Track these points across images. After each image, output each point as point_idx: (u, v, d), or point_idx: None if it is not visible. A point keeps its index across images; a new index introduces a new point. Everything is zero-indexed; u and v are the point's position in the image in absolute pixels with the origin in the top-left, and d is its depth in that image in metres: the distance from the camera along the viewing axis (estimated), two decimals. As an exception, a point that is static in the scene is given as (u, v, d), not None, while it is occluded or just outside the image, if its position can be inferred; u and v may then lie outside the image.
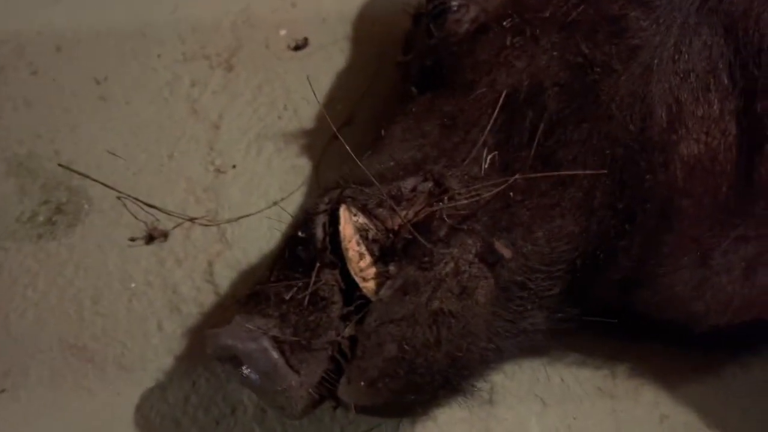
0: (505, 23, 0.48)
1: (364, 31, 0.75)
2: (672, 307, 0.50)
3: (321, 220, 0.43)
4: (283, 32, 0.74)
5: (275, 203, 0.60)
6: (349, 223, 0.42)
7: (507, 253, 0.42)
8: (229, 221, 0.59)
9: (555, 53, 0.45)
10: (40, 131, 0.65)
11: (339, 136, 0.55)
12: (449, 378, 0.45)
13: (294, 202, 0.62)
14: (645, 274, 0.48)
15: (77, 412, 0.53)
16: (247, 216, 0.59)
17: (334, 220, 0.43)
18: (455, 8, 0.52)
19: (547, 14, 0.48)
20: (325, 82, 0.71)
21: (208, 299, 0.55)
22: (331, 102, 0.69)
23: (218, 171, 0.63)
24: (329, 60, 0.72)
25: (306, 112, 0.68)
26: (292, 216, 0.60)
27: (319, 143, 0.66)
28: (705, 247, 0.46)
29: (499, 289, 0.44)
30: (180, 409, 0.53)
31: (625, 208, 0.44)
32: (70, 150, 0.62)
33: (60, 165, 0.61)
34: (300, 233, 0.43)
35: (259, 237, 0.59)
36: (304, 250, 0.43)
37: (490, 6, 0.51)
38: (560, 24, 0.47)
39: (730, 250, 0.46)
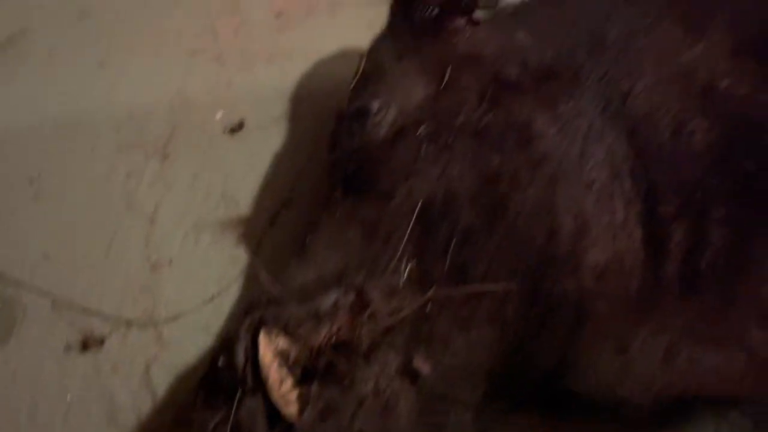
0: (420, 129, 0.49)
1: (302, 110, 0.75)
2: (598, 391, 0.51)
3: (241, 346, 0.43)
4: (219, 115, 0.74)
5: (212, 298, 0.60)
6: (268, 348, 0.42)
7: (425, 368, 0.43)
8: (165, 321, 0.59)
9: (467, 162, 0.46)
10: (-28, 237, 0.65)
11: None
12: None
13: (232, 295, 0.62)
14: (566, 367, 0.49)
15: None
16: (184, 315, 0.59)
17: (255, 344, 0.44)
18: (375, 110, 0.52)
19: (461, 120, 0.49)
20: (262, 164, 0.71)
21: (146, 406, 0.55)
22: (268, 185, 0.70)
23: (155, 267, 0.63)
24: (266, 141, 0.73)
25: (243, 197, 0.68)
26: (228, 312, 0.60)
27: (257, 230, 0.66)
28: (622, 340, 0.47)
29: (422, 401, 0.44)
30: None
31: (538, 314, 0.45)
32: (3, 256, 0.62)
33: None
34: (220, 362, 0.43)
35: (196, 336, 0.58)
36: (226, 377, 0.43)
37: (410, 107, 0.52)
38: (472, 131, 0.48)
39: (647, 340, 0.47)
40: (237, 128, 0.72)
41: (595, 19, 0.51)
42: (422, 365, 0.43)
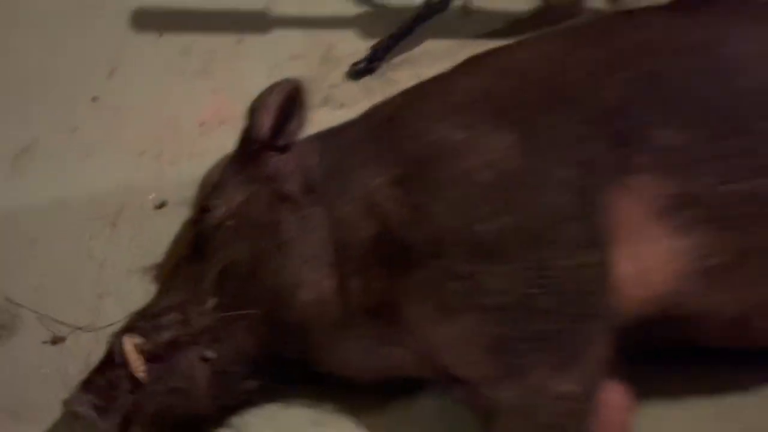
0: (231, 222, 0.87)
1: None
2: (333, 372, 0.87)
3: (117, 342, 0.82)
4: (151, 196, 1.13)
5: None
6: (129, 342, 0.81)
7: (210, 354, 0.81)
8: (102, 328, 0.98)
9: (246, 242, 0.85)
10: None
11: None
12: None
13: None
14: (309, 356, 0.86)
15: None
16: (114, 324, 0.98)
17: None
18: (214, 207, 0.91)
19: (253, 218, 0.87)
20: (176, 229, 1.09)
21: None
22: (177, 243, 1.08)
23: (100, 296, 1.02)
24: (183, 215, 1.11)
25: (160, 251, 1.07)
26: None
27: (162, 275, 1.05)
28: (336, 345, 0.84)
29: (214, 375, 0.82)
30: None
31: (277, 328, 0.82)
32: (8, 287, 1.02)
33: None
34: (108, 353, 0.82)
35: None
36: (108, 359, 0.82)
37: (232, 208, 0.90)
38: (255, 225, 0.86)
39: (350, 344, 0.83)
40: (162, 206, 1.11)
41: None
42: (210, 354, 0.81)
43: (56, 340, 0.96)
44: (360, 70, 1.30)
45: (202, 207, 0.92)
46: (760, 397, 0.93)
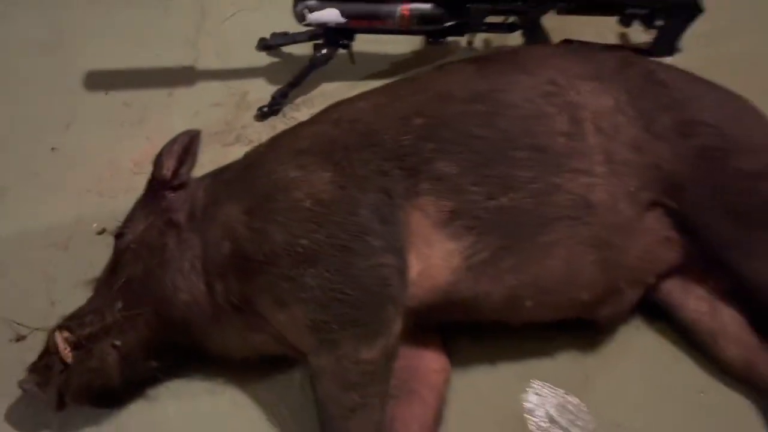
0: (134, 245, 1.18)
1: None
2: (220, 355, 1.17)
3: (51, 336, 1.13)
4: (94, 225, 1.44)
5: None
6: (59, 335, 1.11)
7: (119, 343, 1.11)
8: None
9: (141, 263, 1.15)
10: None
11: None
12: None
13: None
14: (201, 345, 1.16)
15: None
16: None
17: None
18: (122, 235, 1.21)
19: (148, 241, 1.17)
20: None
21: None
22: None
23: (53, 303, 1.33)
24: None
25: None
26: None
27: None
28: (213, 335, 1.14)
29: (121, 359, 1.12)
30: None
31: (164, 326, 1.13)
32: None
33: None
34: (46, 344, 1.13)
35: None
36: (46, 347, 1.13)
37: (136, 234, 1.20)
38: (147, 248, 1.16)
39: (227, 331, 1.13)
40: (102, 232, 1.42)
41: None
42: (117, 342, 1.12)
43: (19, 338, 1.27)
44: (265, 113, 1.60)
45: (116, 235, 1.23)
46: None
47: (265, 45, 1.71)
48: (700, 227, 1.16)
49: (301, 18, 1.47)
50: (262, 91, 1.65)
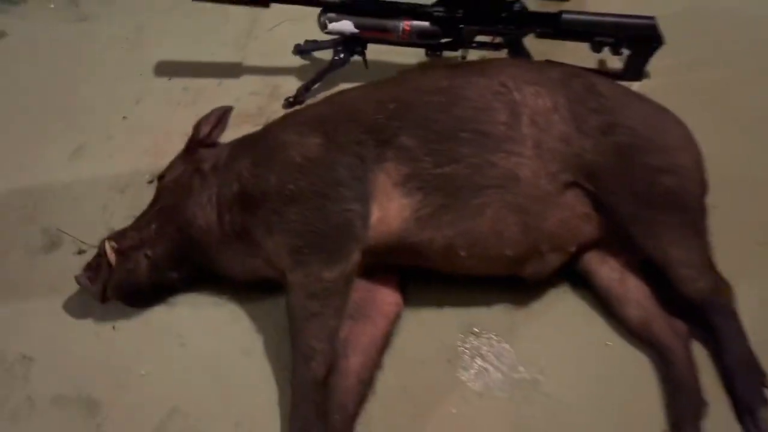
0: (170, 185, 1.55)
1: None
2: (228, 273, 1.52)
3: (102, 244, 1.50)
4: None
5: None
6: (107, 243, 1.48)
7: (150, 254, 1.48)
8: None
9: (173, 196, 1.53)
10: None
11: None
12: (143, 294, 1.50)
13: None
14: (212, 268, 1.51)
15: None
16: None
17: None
18: (163, 177, 1.58)
19: (180, 181, 1.54)
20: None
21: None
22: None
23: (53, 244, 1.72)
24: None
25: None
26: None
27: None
28: (226, 258, 1.49)
29: (151, 267, 1.48)
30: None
31: (187, 241, 1.48)
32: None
33: (59, 229, 1.73)
34: (98, 249, 1.51)
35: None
36: (98, 252, 1.50)
37: (173, 176, 1.57)
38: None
39: (236, 255, 1.48)
40: (151, 182, 1.80)
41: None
42: (149, 253, 1.48)
43: (81, 252, 1.66)
44: (291, 102, 1.96)
45: (159, 177, 1.60)
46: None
47: (299, 50, 2.09)
48: (611, 207, 1.43)
49: (323, 27, 1.84)
50: (292, 85, 2.02)
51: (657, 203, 1.41)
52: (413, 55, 2.04)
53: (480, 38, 1.88)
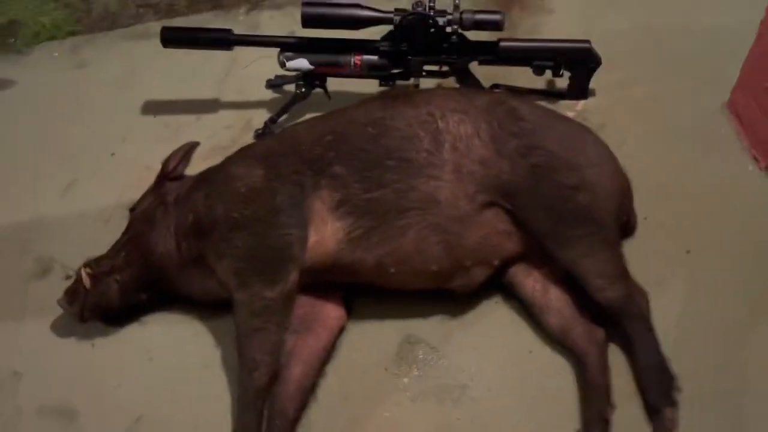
0: (138, 216, 1.74)
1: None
2: (189, 294, 1.69)
3: (79, 270, 1.69)
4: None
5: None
6: (83, 270, 1.67)
7: (120, 279, 1.66)
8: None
9: (140, 227, 1.71)
10: None
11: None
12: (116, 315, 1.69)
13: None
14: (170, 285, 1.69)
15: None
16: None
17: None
18: (134, 209, 1.77)
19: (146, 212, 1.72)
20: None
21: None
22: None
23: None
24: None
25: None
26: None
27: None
28: (187, 280, 1.66)
29: (121, 289, 1.67)
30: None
31: (151, 267, 1.66)
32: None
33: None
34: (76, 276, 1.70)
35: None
36: (76, 277, 1.70)
37: (142, 208, 1.76)
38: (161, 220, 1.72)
39: (193, 273, 1.65)
40: (134, 209, 2.00)
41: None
42: (119, 278, 1.66)
43: (67, 277, 1.86)
44: (260, 134, 2.14)
45: (130, 209, 1.80)
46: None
47: (270, 84, 2.27)
48: (528, 224, 1.56)
49: (282, 65, 2.01)
50: (263, 117, 2.18)
51: (570, 219, 1.53)
52: (372, 85, 2.19)
53: (428, 68, 2.01)
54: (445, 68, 2.02)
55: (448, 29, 1.90)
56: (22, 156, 2.23)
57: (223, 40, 2.04)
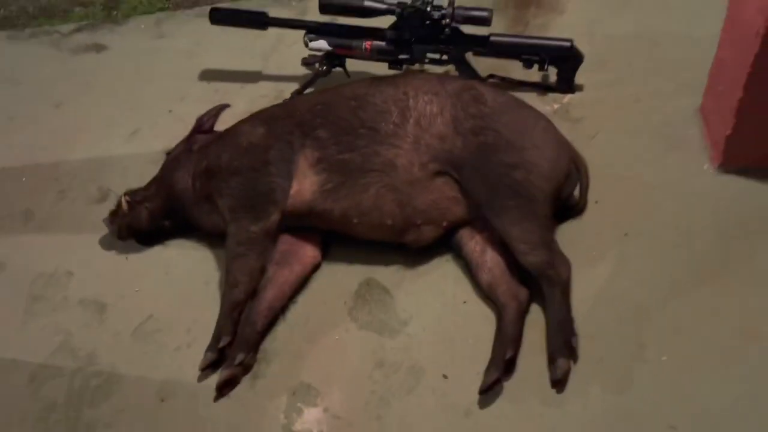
0: (171, 159, 2.15)
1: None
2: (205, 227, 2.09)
3: (119, 197, 2.12)
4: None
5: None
6: (123, 198, 2.10)
7: (150, 206, 2.08)
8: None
9: (168, 167, 2.11)
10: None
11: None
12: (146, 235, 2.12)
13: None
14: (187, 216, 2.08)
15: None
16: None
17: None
18: (170, 153, 2.18)
19: (176, 156, 2.12)
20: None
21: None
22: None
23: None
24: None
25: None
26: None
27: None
28: (203, 214, 2.05)
29: (150, 214, 2.08)
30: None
31: (172, 199, 2.06)
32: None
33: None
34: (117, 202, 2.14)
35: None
36: (118, 203, 2.13)
37: (174, 153, 2.17)
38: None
39: (209, 213, 2.04)
40: (169, 153, 2.42)
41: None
42: (149, 206, 2.08)
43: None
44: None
45: (167, 153, 2.21)
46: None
47: (305, 62, 2.62)
48: (471, 192, 1.82)
49: (306, 44, 2.36)
50: (293, 90, 2.55)
51: (504, 191, 1.77)
52: (382, 66, 2.49)
53: (431, 55, 2.29)
54: (444, 57, 2.28)
55: (443, 22, 2.16)
56: (103, 106, 2.74)
57: (258, 21, 2.42)
